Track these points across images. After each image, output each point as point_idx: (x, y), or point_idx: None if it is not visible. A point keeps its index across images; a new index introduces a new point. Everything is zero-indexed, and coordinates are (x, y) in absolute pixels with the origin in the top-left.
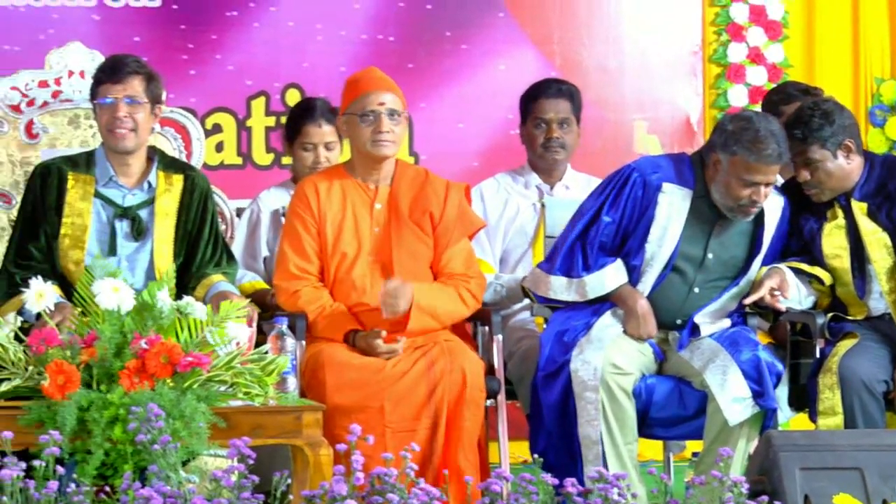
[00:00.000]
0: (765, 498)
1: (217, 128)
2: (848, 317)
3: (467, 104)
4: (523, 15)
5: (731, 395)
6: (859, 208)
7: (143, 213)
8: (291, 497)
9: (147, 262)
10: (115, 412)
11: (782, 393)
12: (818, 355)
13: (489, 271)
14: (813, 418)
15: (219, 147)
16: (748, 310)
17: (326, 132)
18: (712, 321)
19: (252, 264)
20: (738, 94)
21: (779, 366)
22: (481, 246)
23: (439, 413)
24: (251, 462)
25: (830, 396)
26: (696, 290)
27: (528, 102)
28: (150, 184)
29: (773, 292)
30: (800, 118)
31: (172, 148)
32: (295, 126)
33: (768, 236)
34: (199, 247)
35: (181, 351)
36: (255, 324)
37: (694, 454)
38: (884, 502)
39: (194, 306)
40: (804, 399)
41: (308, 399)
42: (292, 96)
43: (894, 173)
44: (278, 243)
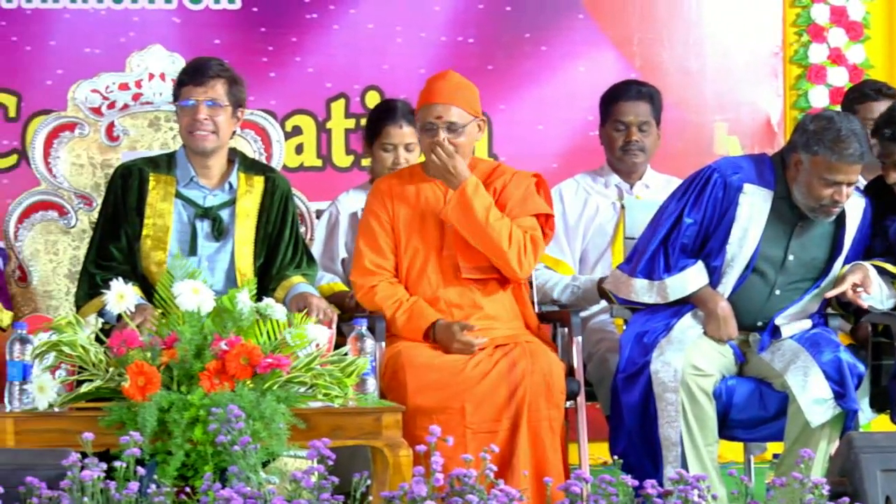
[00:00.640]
0: (846, 500)
1: (297, 130)
2: None
3: (546, 106)
4: (603, 16)
5: (813, 397)
6: None
7: (224, 214)
8: (371, 498)
9: (227, 264)
10: (196, 413)
11: (863, 394)
12: None
13: (568, 272)
14: (894, 419)
15: (299, 149)
16: (829, 311)
17: (406, 133)
18: (793, 323)
19: (331, 266)
20: (819, 95)
21: (860, 367)
22: (560, 247)
23: (520, 414)
24: (331, 463)
25: None
26: (778, 292)
27: (608, 104)
28: (231, 185)
29: (856, 288)
30: (891, 118)
31: (253, 150)
32: (375, 127)
33: (849, 237)
34: (280, 248)
35: (261, 352)
36: (335, 325)
37: (774, 456)
38: None
39: (274, 308)
40: (885, 400)
41: (388, 400)
42: (372, 98)
43: None
44: None
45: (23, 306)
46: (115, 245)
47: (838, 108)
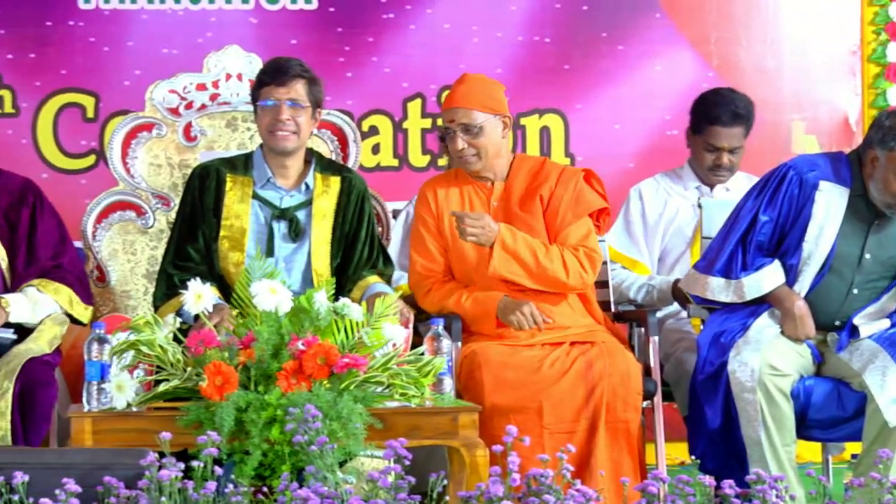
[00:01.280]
0: None
1: (373, 130)
2: None
3: (623, 105)
4: (680, 16)
5: (891, 397)
6: None
7: (301, 215)
8: (447, 498)
9: (304, 264)
10: (273, 413)
11: None
12: None
13: (644, 272)
14: None
15: (375, 149)
16: None
17: None
18: (871, 322)
19: (408, 266)
20: None
21: None
22: (638, 247)
23: (598, 415)
24: (407, 463)
25: None
26: (856, 291)
27: (703, 120)
28: (308, 185)
29: None
30: None
31: (329, 150)
32: None
33: None
34: (356, 248)
35: (338, 352)
36: (412, 325)
37: (853, 456)
38: None
39: (351, 308)
40: None
41: (464, 400)
42: None
43: None
44: None
45: (101, 306)
46: (193, 246)
47: None
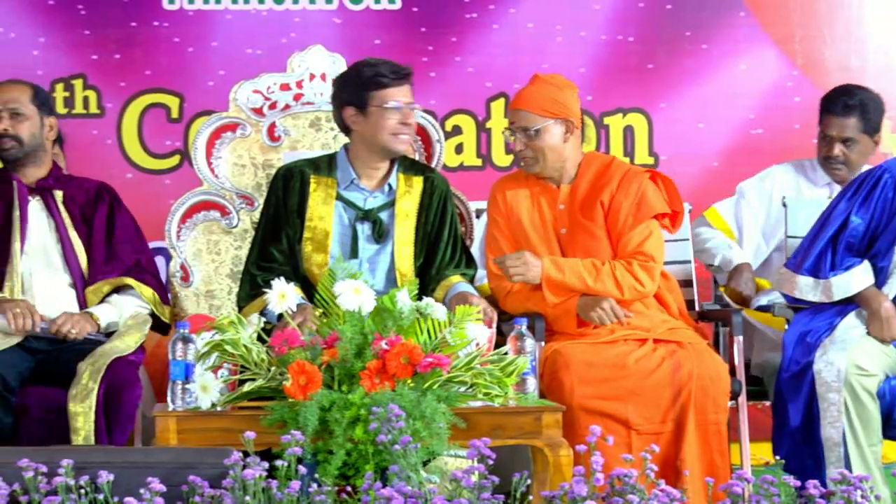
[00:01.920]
0: None
1: (457, 129)
2: None
3: (707, 104)
4: (764, 14)
5: None
6: None
7: (384, 216)
8: (531, 498)
9: (388, 264)
10: (357, 412)
11: None
12: None
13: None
14: None
15: (458, 149)
16: None
17: None
18: None
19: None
20: None
21: None
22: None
23: (685, 416)
24: (491, 462)
25: None
26: None
27: (821, 111)
28: (391, 186)
29: None
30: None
31: (413, 150)
32: None
33: None
34: (439, 248)
35: (421, 352)
36: (495, 325)
37: None
38: None
39: (434, 307)
40: None
41: (548, 400)
42: None
43: None
44: None
45: (185, 306)
46: (277, 247)
47: None
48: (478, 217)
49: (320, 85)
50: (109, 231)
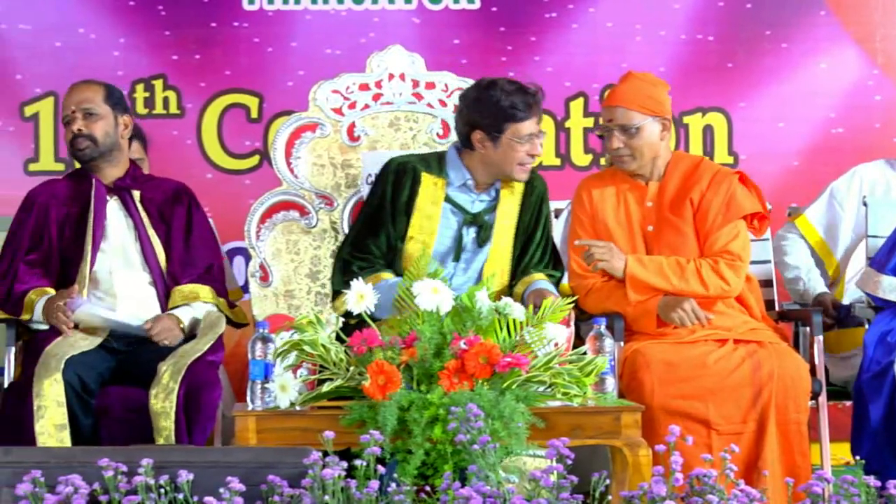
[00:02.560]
0: None
1: None
2: None
3: (787, 103)
4: (845, 13)
5: None
6: None
7: (488, 218)
8: (610, 497)
9: (482, 263)
10: (435, 412)
11: None
12: None
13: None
14: None
15: None
16: None
17: None
18: None
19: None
20: None
21: None
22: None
23: (766, 416)
24: (570, 462)
25: None
26: None
27: None
28: (497, 189)
29: None
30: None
31: None
32: None
33: None
34: (530, 249)
35: (500, 351)
36: (573, 324)
37: None
38: None
39: (513, 307)
40: None
41: (627, 400)
42: None
43: None
44: None
45: (264, 305)
46: (374, 242)
47: None
48: (556, 217)
49: (399, 85)
50: (188, 235)
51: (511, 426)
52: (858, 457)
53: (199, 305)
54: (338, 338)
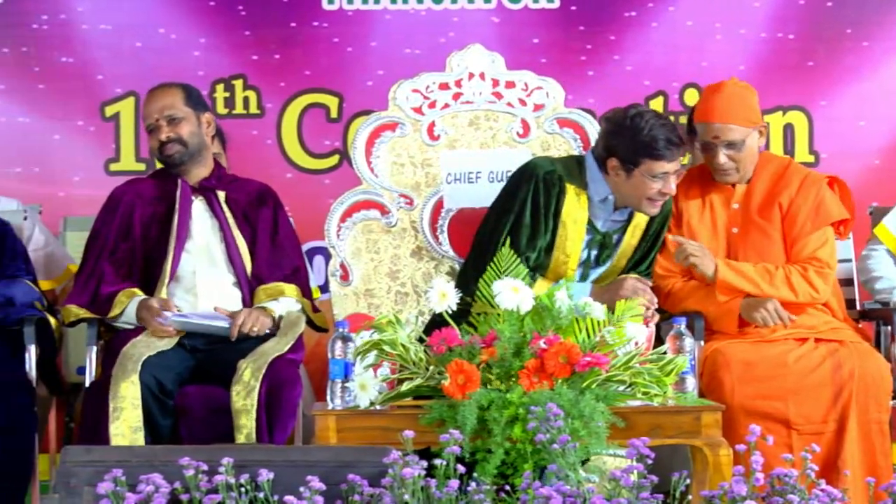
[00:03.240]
0: None
1: None
2: None
3: (868, 102)
4: None
5: None
6: None
7: (616, 238)
8: (690, 497)
9: (597, 275)
10: (515, 411)
11: None
12: None
13: None
14: None
15: None
16: None
17: None
18: None
19: None
20: None
21: None
22: None
23: (846, 416)
24: (650, 462)
25: None
26: None
27: None
28: (631, 210)
29: None
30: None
31: (572, 149)
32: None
33: None
34: (641, 266)
35: (580, 351)
36: (654, 324)
37: None
38: None
39: (593, 306)
40: None
41: (707, 399)
42: (691, 96)
43: None
44: None
45: (345, 305)
46: (529, 249)
47: None
48: None
49: (479, 84)
50: (274, 237)
51: (591, 426)
52: None
53: (285, 301)
54: (418, 338)
